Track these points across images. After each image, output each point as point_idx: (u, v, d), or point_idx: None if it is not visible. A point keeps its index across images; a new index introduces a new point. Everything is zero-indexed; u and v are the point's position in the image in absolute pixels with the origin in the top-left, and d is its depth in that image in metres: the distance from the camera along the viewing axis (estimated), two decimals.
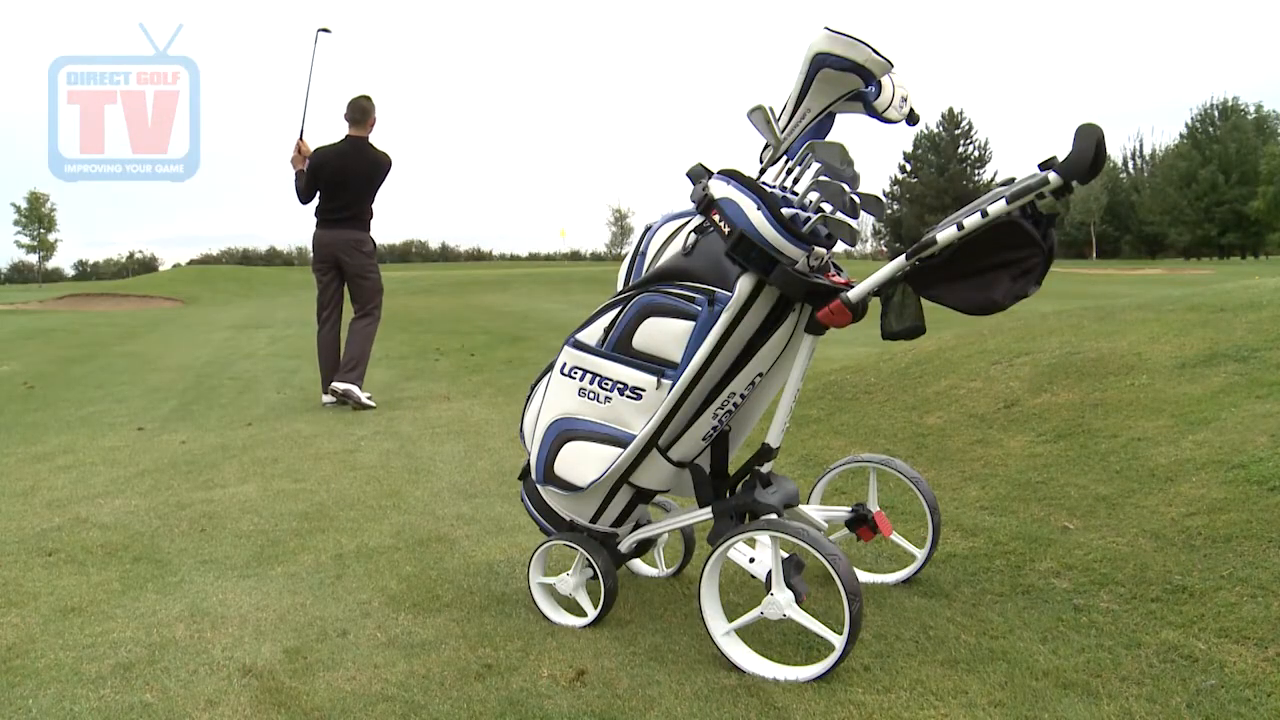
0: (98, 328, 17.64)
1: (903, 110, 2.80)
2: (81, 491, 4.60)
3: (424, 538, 3.69)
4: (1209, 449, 3.62)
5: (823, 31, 2.61)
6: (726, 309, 2.38)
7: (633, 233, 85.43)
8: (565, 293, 23.80)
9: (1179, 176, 70.16)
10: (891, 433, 4.75)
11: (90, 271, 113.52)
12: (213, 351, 12.44)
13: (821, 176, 2.45)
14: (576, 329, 2.64)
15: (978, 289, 2.28)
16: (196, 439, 5.99)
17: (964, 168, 78.94)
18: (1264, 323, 5.03)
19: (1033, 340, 5.60)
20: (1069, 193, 2.14)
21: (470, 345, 11.27)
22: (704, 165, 2.53)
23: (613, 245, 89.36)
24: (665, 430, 2.54)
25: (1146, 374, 4.59)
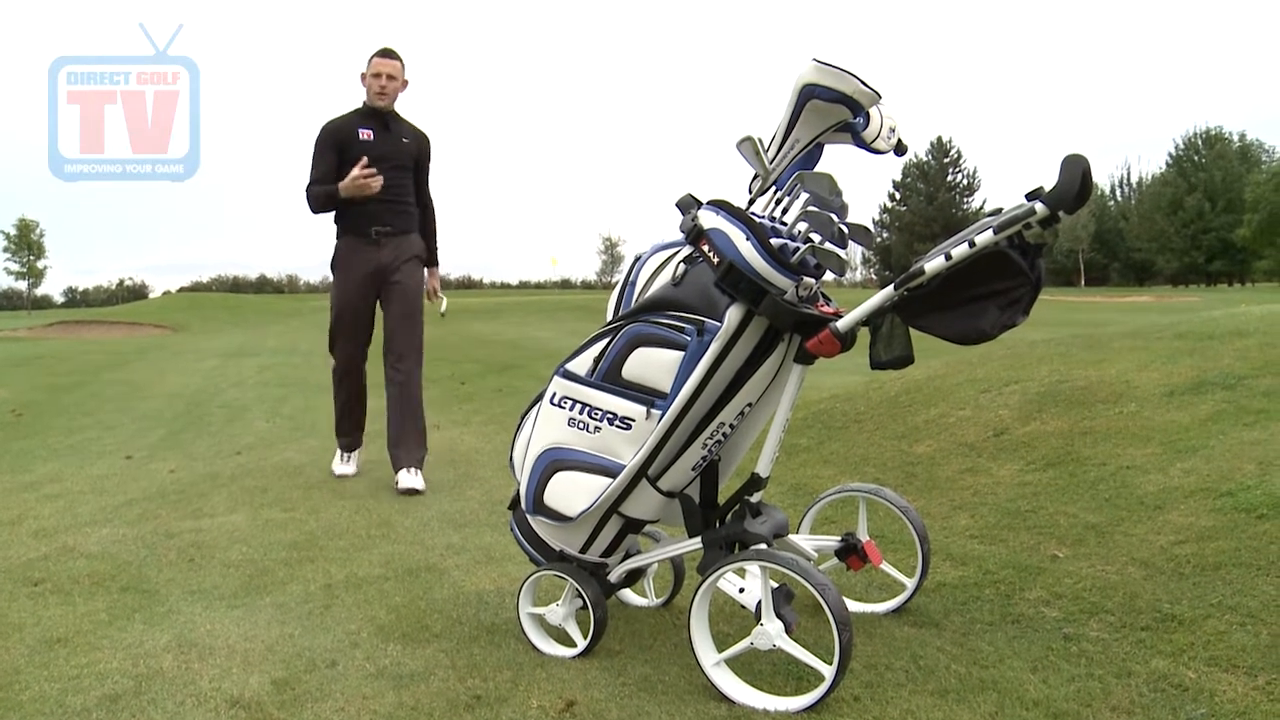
0: (87, 355, 17.60)
1: (891, 141, 2.83)
2: (69, 520, 4.57)
3: (413, 567, 3.67)
4: (1197, 477, 3.63)
5: (811, 63, 2.63)
6: (716, 339, 2.39)
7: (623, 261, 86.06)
8: (556, 321, 23.81)
9: (1166, 204, 70.71)
10: (881, 461, 4.76)
11: (80, 298, 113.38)
12: (202, 379, 12.41)
13: (810, 207, 2.46)
14: (566, 359, 2.65)
15: (966, 319, 2.29)
16: (185, 468, 5.97)
17: (953, 196, 79.34)
18: (1250, 350, 5.05)
19: (1022, 368, 5.62)
20: (1056, 223, 2.15)
21: (460, 374, 11.27)
22: (693, 195, 2.55)
23: (603, 273, 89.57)
24: (655, 460, 2.54)
25: (1135, 402, 4.60)
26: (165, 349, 19.86)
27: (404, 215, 5.44)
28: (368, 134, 5.30)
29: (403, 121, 5.49)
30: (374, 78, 5.31)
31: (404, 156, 5.41)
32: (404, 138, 5.43)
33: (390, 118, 5.41)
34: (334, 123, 5.36)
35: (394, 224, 5.38)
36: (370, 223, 5.32)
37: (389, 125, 5.38)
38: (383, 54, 5.35)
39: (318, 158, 5.31)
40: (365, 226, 5.32)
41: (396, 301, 5.37)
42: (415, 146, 5.49)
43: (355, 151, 5.23)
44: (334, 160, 5.27)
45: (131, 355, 17.56)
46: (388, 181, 5.24)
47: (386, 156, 5.29)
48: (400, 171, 5.39)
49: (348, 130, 5.31)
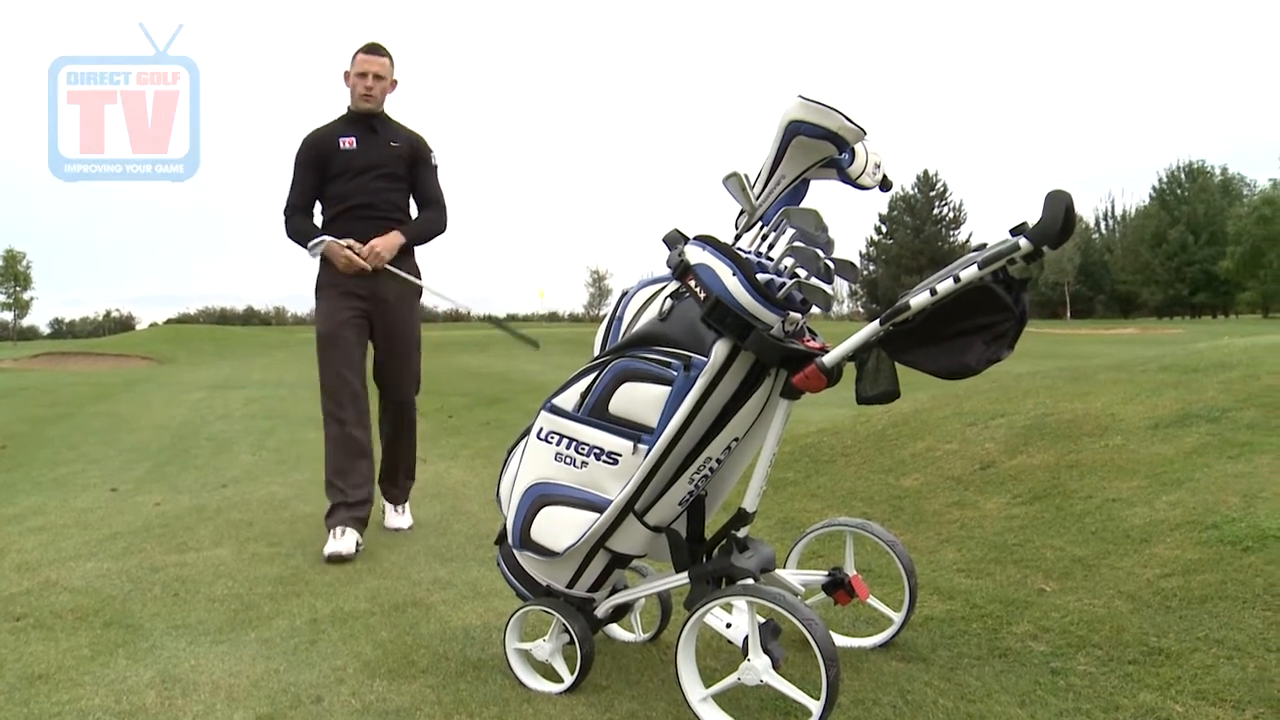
0: (73, 387, 17.52)
1: (876, 177, 2.85)
2: (52, 554, 4.54)
3: (400, 602, 3.66)
4: (1183, 510, 3.64)
5: (797, 100, 2.65)
6: (702, 374, 2.39)
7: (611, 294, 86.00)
8: (543, 354, 23.77)
9: (1150, 236, 71.31)
10: (868, 495, 4.76)
11: (66, 330, 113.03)
12: (188, 412, 12.36)
13: (796, 242, 2.48)
14: (553, 394, 2.65)
15: (951, 354, 2.31)
16: (171, 501, 5.93)
17: (939, 229, 79.80)
18: (1234, 383, 5.08)
19: (1008, 402, 5.64)
20: (1040, 258, 2.17)
21: (448, 407, 11.25)
22: (680, 231, 2.56)
23: (591, 306, 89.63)
24: (641, 495, 2.54)
25: (1120, 435, 4.62)
26: (151, 381, 19.78)
27: None
28: (349, 142, 4.74)
29: (392, 124, 4.88)
30: (359, 77, 4.71)
31: (394, 163, 4.80)
32: (393, 141, 4.81)
33: (377, 120, 4.81)
34: (314, 135, 4.79)
35: None
36: (357, 239, 4.68)
37: (375, 129, 4.79)
38: (369, 50, 4.74)
39: (297, 177, 4.79)
40: None
41: (391, 328, 4.83)
42: (407, 150, 4.84)
43: (337, 164, 4.71)
44: (315, 179, 4.75)
45: (117, 387, 17.49)
46: (377, 195, 4.74)
47: (373, 165, 4.74)
48: (389, 181, 4.80)
49: (328, 141, 4.74)
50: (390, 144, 4.80)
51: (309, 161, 4.76)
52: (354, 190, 4.72)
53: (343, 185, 4.72)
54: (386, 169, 4.77)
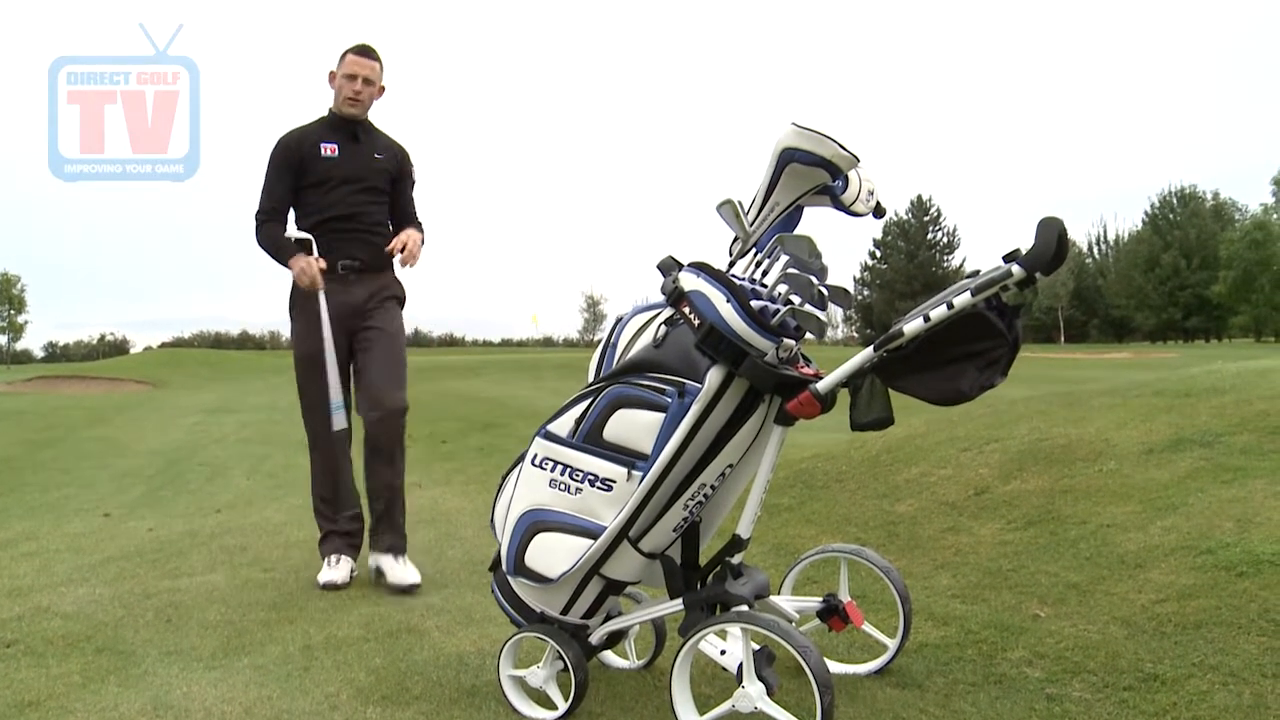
0: (66, 410, 17.49)
1: (869, 204, 2.87)
2: (44, 580, 4.52)
3: (393, 629, 3.64)
4: (1177, 535, 3.65)
5: (790, 127, 2.67)
6: (696, 401, 2.40)
7: (605, 319, 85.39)
8: (537, 379, 23.80)
9: (1142, 261, 71.58)
10: (863, 521, 4.76)
11: (60, 353, 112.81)
12: (182, 436, 12.35)
13: (790, 269, 2.49)
14: (547, 420, 2.66)
15: (945, 380, 2.32)
16: (164, 526, 5.92)
17: (933, 254, 79.99)
18: (1227, 408, 5.10)
19: (1002, 427, 5.65)
20: (1033, 284, 2.18)
21: (442, 432, 11.24)
22: (674, 258, 2.57)
23: (585, 332, 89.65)
24: (636, 522, 2.54)
25: (1114, 460, 4.63)
26: (145, 405, 19.75)
27: (375, 248, 4.48)
28: (331, 149, 4.40)
29: (376, 133, 4.57)
30: (347, 79, 4.38)
31: (377, 176, 4.49)
32: (377, 153, 4.51)
33: (361, 129, 4.49)
34: (291, 136, 4.45)
35: (365, 258, 4.45)
36: (335, 257, 4.37)
37: (359, 137, 4.47)
38: (360, 51, 4.41)
39: (270, 179, 4.42)
40: (330, 262, 4.36)
41: (375, 350, 4.42)
42: (392, 163, 4.56)
43: (317, 172, 4.39)
44: (290, 183, 4.40)
45: (111, 411, 17.46)
46: (357, 207, 4.42)
47: (355, 177, 4.42)
48: (372, 195, 4.48)
49: (308, 145, 4.41)
50: (374, 155, 4.50)
51: (285, 164, 4.41)
52: (334, 202, 4.40)
53: (322, 195, 4.39)
54: (370, 182, 4.47)
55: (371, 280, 4.48)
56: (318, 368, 4.33)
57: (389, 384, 4.43)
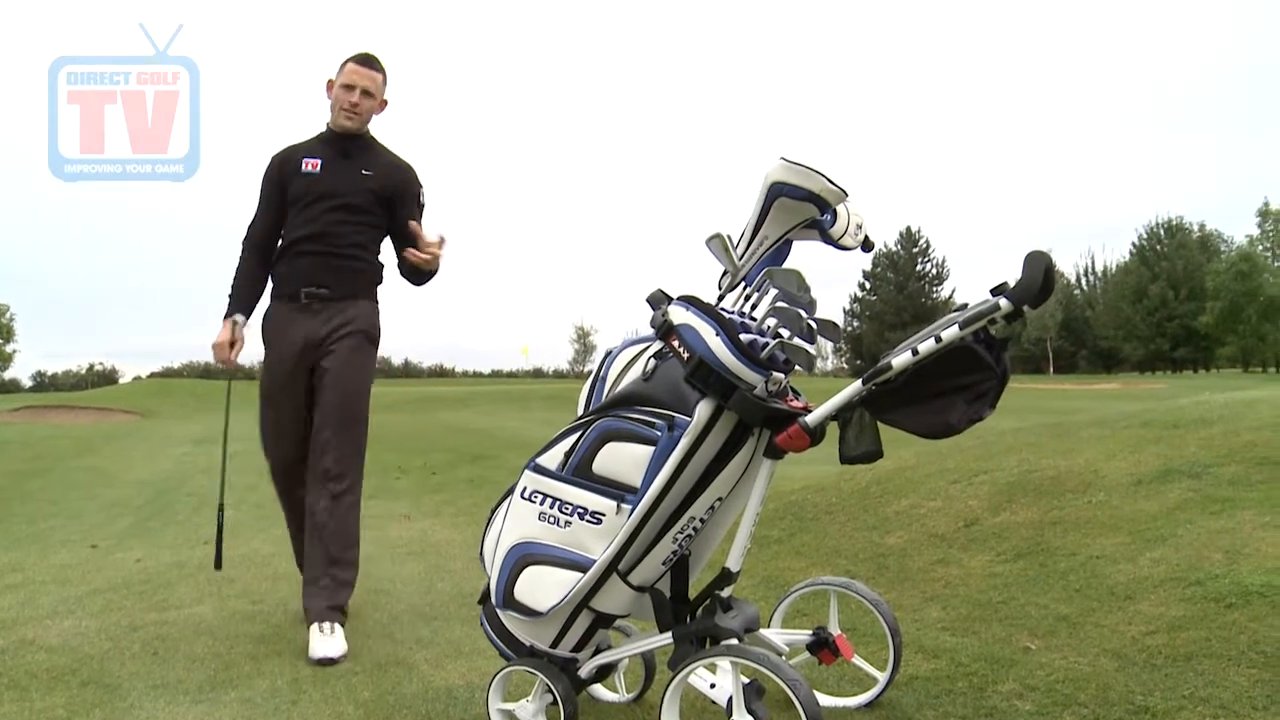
0: (54, 440, 17.40)
1: (858, 237, 2.89)
2: (29, 612, 4.49)
3: (382, 661, 3.63)
4: (1166, 566, 3.66)
5: (779, 161, 2.69)
6: (685, 434, 2.40)
7: (595, 351, 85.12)
8: (527, 410, 23.80)
9: (1130, 292, 71.98)
10: (853, 553, 4.76)
11: (48, 383, 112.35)
12: (171, 466, 12.30)
13: (779, 303, 2.50)
14: (537, 453, 2.66)
15: (933, 413, 2.33)
16: (152, 557, 5.89)
17: (922, 285, 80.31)
18: (1215, 439, 5.12)
19: (991, 459, 5.66)
20: (1021, 317, 2.20)
21: (432, 464, 11.21)
22: (663, 291, 2.58)
23: (575, 363, 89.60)
24: (625, 555, 2.54)
25: (1103, 491, 4.64)
26: (134, 435, 19.66)
27: (347, 274, 4.07)
28: (313, 164, 4.06)
29: (374, 149, 4.20)
30: (344, 89, 4.05)
31: (359, 195, 4.06)
32: (365, 169, 4.10)
33: (353, 144, 4.13)
34: (282, 152, 4.18)
35: (332, 284, 4.04)
36: (300, 282, 4.03)
37: (348, 152, 4.11)
38: (361, 61, 4.07)
39: (260, 202, 4.18)
40: (294, 286, 4.05)
41: (327, 390, 4.01)
42: (385, 182, 4.12)
43: (295, 189, 4.07)
44: (277, 203, 4.11)
45: (99, 441, 17.37)
46: (329, 226, 4.02)
47: (331, 193, 4.04)
48: (349, 214, 4.06)
49: (293, 161, 4.10)
50: (361, 171, 4.09)
51: (270, 183, 4.14)
52: (303, 221, 4.05)
53: (295, 214, 4.07)
54: (346, 199, 4.05)
55: (338, 311, 4.05)
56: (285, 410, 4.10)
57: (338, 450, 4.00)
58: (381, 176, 4.13)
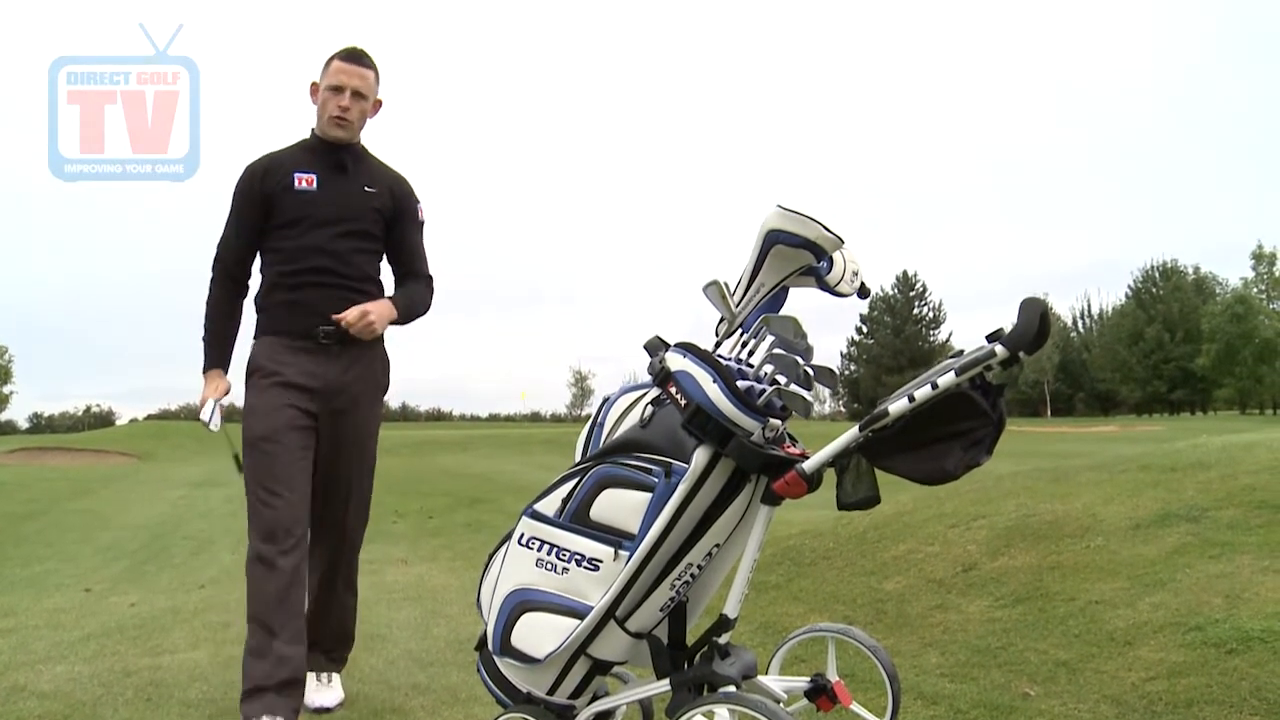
0: (49, 483, 17.35)
1: (854, 284, 2.91)
2: (21, 657, 4.46)
3: (377, 708, 3.60)
4: (1166, 611, 3.65)
5: (775, 209, 2.72)
6: (683, 481, 2.41)
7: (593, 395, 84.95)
8: (526, 454, 23.79)
9: (1126, 335, 72.27)
10: (850, 598, 4.74)
11: (45, 424, 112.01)
12: (168, 509, 12.26)
13: (776, 349, 2.52)
14: (534, 499, 2.66)
15: (930, 459, 2.33)
16: (146, 601, 5.86)
17: (919, 328, 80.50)
18: (1213, 482, 5.12)
19: (989, 503, 5.66)
20: (1017, 364, 2.21)
21: (429, 507, 11.19)
22: (660, 337, 2.60)
23: (573, 407, 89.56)
24: (623, 601, 2.53)
25: (1102, 535, 4.64)
26: (130, 478, 19.61)
27: None
28: (307, 180, 3.55)
29: (369, 160, 3.73)
30: (332, 91, 3.54)
31: (368, 216, 3.63)
32: (368, 185, 3.65)
33: (350, 155, 3.64)
34: (258, 164, 3.62)
35: None
36: (312, 318, 3.51)
37: (345, 166, 3.62)
38: (349, 57, 3.57)
39: (231, 221, 3.64)
40: (304, 324, 3.52)
41: (343, 444, 3.64)
42: (388, 200, 3.68)
43: (289, 208, 3.54)
44: (254, 223, 3.57)
45: (95, 484, 17.32)
46: (340, 256, 3.55)
47: (340, 217, 3.57)
48: (361, 240, 3.62)
49: (278, 175, 3.56)
50: (365, 189, 3.64)
51: (247, 199, 3.58)
52: (310, 248, 3.53)
53: (297, 238, 3.54)
54: (358, 224, 3.61)
55: (356, 355, 3.60)
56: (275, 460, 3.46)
57: (348, 504, 3.72)
58: (384, 194, 3.68)
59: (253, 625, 3.43)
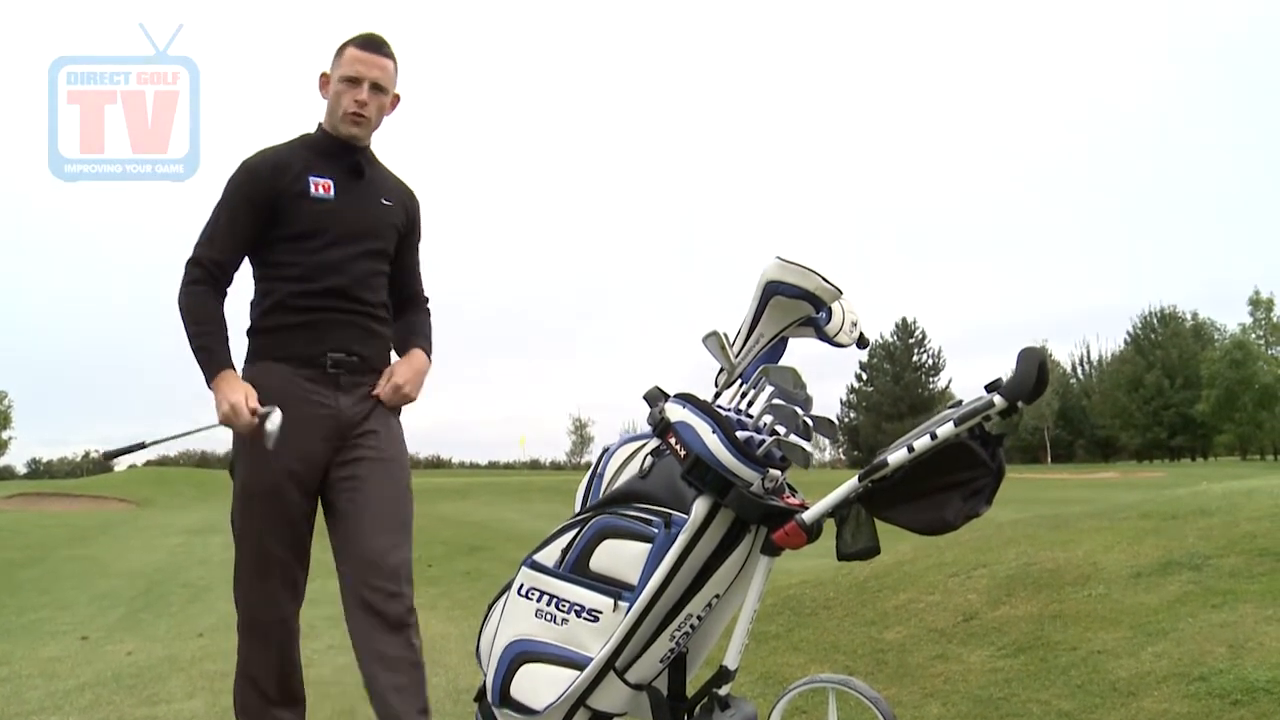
0: (46, 529, 17.29)
1: (853, 335, 2.93)
2: (14, 708, 4.43)
3: None
4: (1169, 661, 3.62)
5: (774, 260, 2.75)
6: (683, 531, 2.41)
7: (592, 442, 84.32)
8: (525, 501, 23.69)
9: (1126, 381, 72.21)
10: (851, 648, 4.71)
11: (43, 470, 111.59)
12: (165, 557, 12.22)
13: (775, 400, 2.53)
14: (534, 549, 2.66)
15: (930, 509, 2.34)
16: (143, 650, 5.83)
17: (919, 375, 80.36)
18: (1214, 530, 5.11)
19: (989, 551, 5.64)
20: (1015, 413, 2.22)
21: (428, 555, 11.14)
22: (660, 388, 2.61)
23: (572, 454, 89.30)
24: (623, 653, 2.53)
25: (1103, 584, 4.62)
26: (128, 524, 19.54)
27: (378, 339, 3.13)
28: (324, 186, 3.02)
29: (380, 167, 3.22)
30: (347, 84, 3.02)
31: (386, 232, 3.13)
32: (384, 197, 3.15)
33: (364, 157, 3.13)
34: (263, 159, 3.05)
35: (364, 351, 3.06)
36: (322, 344, 2.98)
37: (358, 170, 3.10)
38: (366, 44, 3.04)
39: (222, 218, 3.00)
40: (312, 351, 2.97)
41: (369, 489, 2.99)
42: (401, 216, 3.19)
43: (303, 217, 2.99)
44: (252, 227, 2.99)
45: (93, 530, 17.26)
46: (360, 278, 3.04)
47: (360, 232, 3.05)
48: (380, 261, 3.11)
49: (289, 176, 3.00)
50: (381, 201, 3.14)
51: (248, 199, 2.99)
52: (328, 266, 3.00)
53: (313, 254, 2.99)
54: (377, 242, 3.10)
55: (366, 386, 3.07)
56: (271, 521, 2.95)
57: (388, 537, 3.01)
58: (399, 209, 3.20)
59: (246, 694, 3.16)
